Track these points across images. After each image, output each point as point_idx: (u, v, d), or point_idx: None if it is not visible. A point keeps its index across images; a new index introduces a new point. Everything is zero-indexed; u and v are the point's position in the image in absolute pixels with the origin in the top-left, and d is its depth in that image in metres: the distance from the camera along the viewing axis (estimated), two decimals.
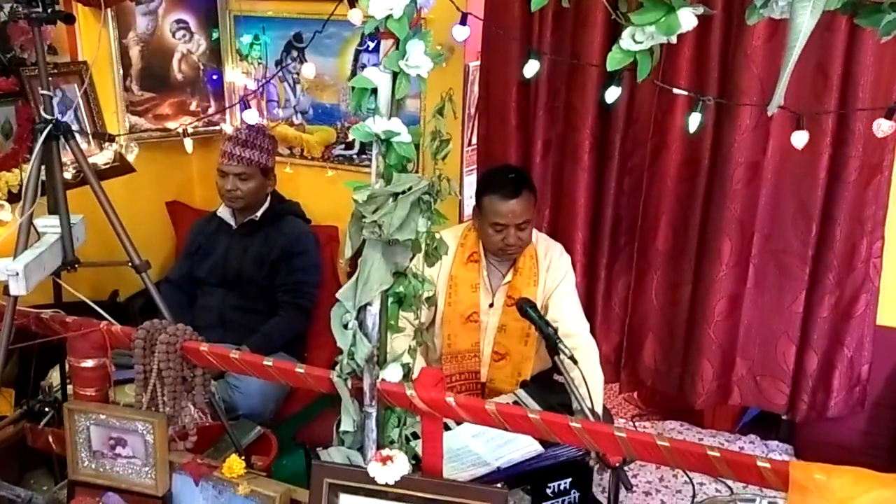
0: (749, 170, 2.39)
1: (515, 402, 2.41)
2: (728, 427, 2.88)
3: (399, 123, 1.46)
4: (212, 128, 3.27)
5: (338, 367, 1.60)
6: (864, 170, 2.31)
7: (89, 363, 1.86)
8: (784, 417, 2.72)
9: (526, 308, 2.23)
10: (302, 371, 1.67)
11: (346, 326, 1.57)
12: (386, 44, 1.45)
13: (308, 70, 1.58)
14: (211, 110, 3.23)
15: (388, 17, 1.38)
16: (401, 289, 1.61)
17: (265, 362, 1.71)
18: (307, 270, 2.90)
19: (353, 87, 1.48)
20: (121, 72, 3.02)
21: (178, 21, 3.12)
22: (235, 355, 1.74)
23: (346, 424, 1.61)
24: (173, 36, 3.12)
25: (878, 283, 2.44)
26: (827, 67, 2.25)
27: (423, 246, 1.56)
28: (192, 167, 3.48)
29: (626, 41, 1.23)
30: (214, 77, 3.26)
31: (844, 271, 2.41)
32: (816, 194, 2.35)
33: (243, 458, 1.81)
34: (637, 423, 2.92)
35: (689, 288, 2.60)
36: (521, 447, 2.05)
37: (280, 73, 3.19)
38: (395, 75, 1.45)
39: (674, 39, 1.23)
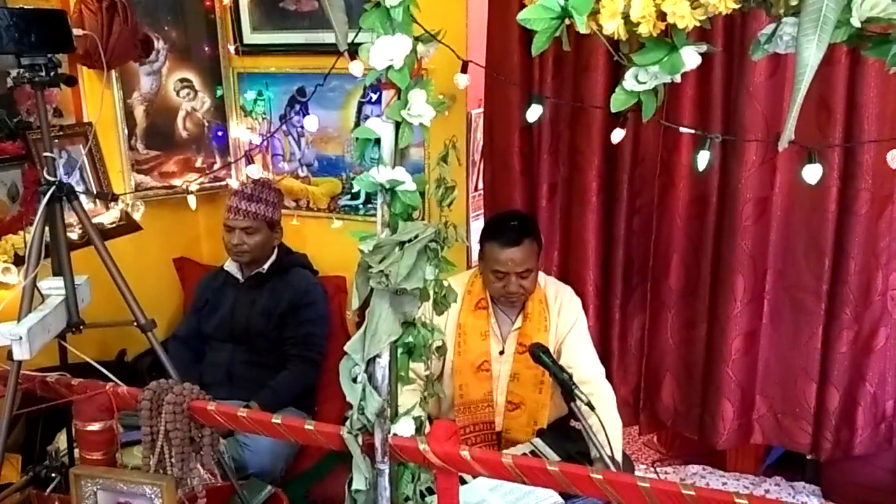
0: (758, 205, 2.37)
1: (532, 452, 2.35)
2: (752, 469, 2.80)
3: (403, 172, 1.44)
4: (218, 183, 3.28)
5: (348, 423, 1.56)
6: (874, 202, 2.28)
7: (95, 426, 1.83)
8: (809, 457, 2.65)
9: (539, 353, 2.19)
10: (311, 428, 1.63)
11: (355, 380, 1.53)
12: (388, 94, 1.44)
13: (311, 123, 1.58)
14: (216, 166, 3.25)
15: (389, 67, 1.37)
16: (410, 339, 1.58)
17: (274, 420, 1.66)
18: (315, 322, 2.87)
19: (356, 138, 1.47)
20: (125, 131, 3.04)
21: (182, 80, 3.15)
22: (244, 413, 1.70)
23: (359, 483, 1.56)
24: (177, 94, 3.15)
25: None
26: (829, 101, 2.24)
27: (431, 294, 1.53)
28: (198, 223, 3.48)
29: (629, 82, 1.22)
30: (219, 133, 3.28)
31: (861, 305, 2.36)
32: (827, 228, 2.33)
33: None
34: (658, 469, 2.85)
35: (704, 326, 2.56)
36: (540, 499, 1.99)
37: (284, 128, 3.21)
38: (397, 125, 1.44)
39: (678, 78, 1.22)
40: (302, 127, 3.19)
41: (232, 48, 3.17)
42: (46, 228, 1.83)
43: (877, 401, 2.43)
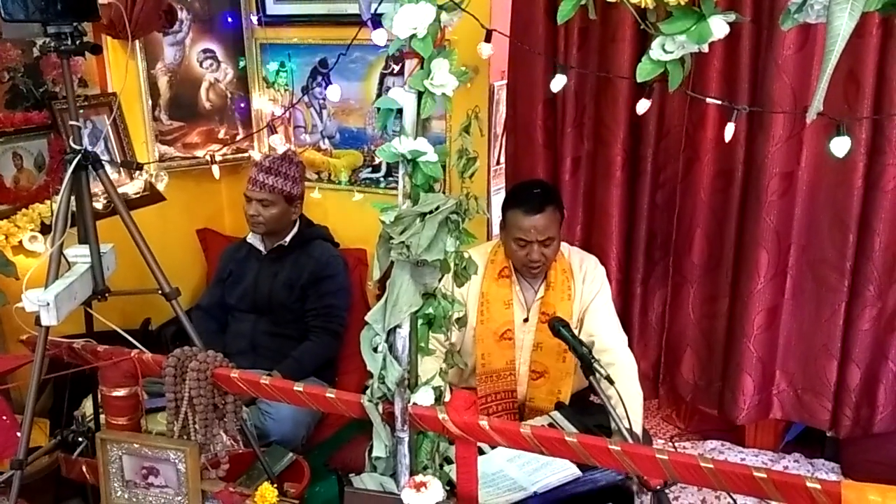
0: (784, 180, 2.34)
1: (550, 425, 2.36)
2: (771, 446, 2.79)
3: (425, 143, 1.44)
4: (240, 155, 3.30)
5: (368, 392, 1.58)
6: None
7: (121, 392, 1.86)
8: (829, 434, 2.64)
9: (559, 327, 2.19)
10: (333, 396, 1.65)
11: (375, 350, 1.55)
12: (410, 64, 1.44)
13: (333, 93, 1.57)
14: (239, 137, 3.26)
15: (413, 36, 1.37)
16: (430, 310, 1.58)
17: (296, 388, 1.69)
18: (336, 294, 2.89)
19: (378, 109, 1.47)
20: (149, 102, 3.06)
21: (206, 51, 3.16)
22: (266, 381, 1.73)
23: (379, 450, 1.58)
24: (200, 65, 3.16)
25: None
26: (858, 74, 2.20)
27: (451, 266, 1.54)
28: (221, 195, 3.51)
29: (655, 51, 1.20)
30: (242, 105, 3.29)
31: (885, 282, 2.33)
32: (852, 204, 2.29)
33: (275, 485, 1.78)
34: (676, 444, 2.85)
35: (726, 301, 2.55)
36: (557, 471, 2.00)
37: (306, 99, 3.21)
38: (419, 95, 1.43)
39: (705, 48, 1.20)
40: (324, 98, 3.19)
41: (255, 19, 3.17)
42: (73, 197, 1.85)
43: None
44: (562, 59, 2.62)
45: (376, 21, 1.44)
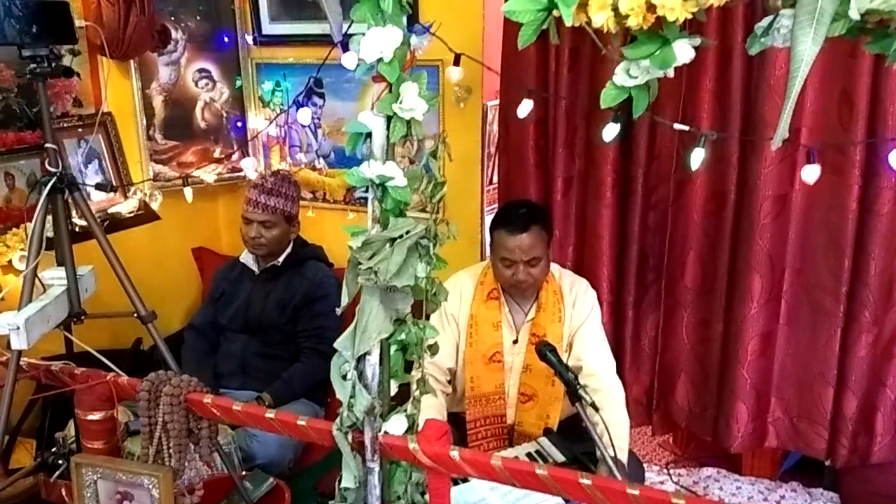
0: (777, 203, 2.30)
1: (538, 451, 2.32)
2: (769, 474, 2.73)
3: (394, 167, 1.42)
4: (237, 174, 3.30)
5: (338, 420, 1.54)
6: None
7: (96, 416, 1.84)
8: (827, 463, 2.57)
9: (545, 352, 2.16)
10: (304, 424, 1.62)
11: (345, 377, 1.52)
12: (379, 87, 1.42)
13: (304, 116, 1.55)
14: (235, 157, 3.26)
15: (380, 60, 1.35)
16: (403, 336, 1.55)
17: (267, 414, 1.66)
18: (329, 315, 2.86)
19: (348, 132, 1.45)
20: (144, 121, 3.06)
21: (201, 70, 3.17)
22: (238, 407, 1.70)
23: (348, 481, 1.54)
24: (196, 85, 3.17)
25: None
26: (853, 95, 2.16)
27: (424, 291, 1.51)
28: (218, 214, 3.51)
29: (620, 77, 1.18)
30: (239, 124, 3.29)
31: (882, 308, 2.28)
32: (847, 227, 2.24)
33: None
34: (672, 470, 2.79)
35: (720, 326, 2.50)
36: (540, 500, 1.96)
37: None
38: (389, 119, 1.41)
39: (670, 73, 1.17)
40: (319, 118, 3.19)
41: (250, 38, 3.18)
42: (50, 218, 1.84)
43: None
44: (552, 79, 2.60)
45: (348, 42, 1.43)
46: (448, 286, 2.52)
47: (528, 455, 2.30)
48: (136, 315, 1.94)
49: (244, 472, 2.30)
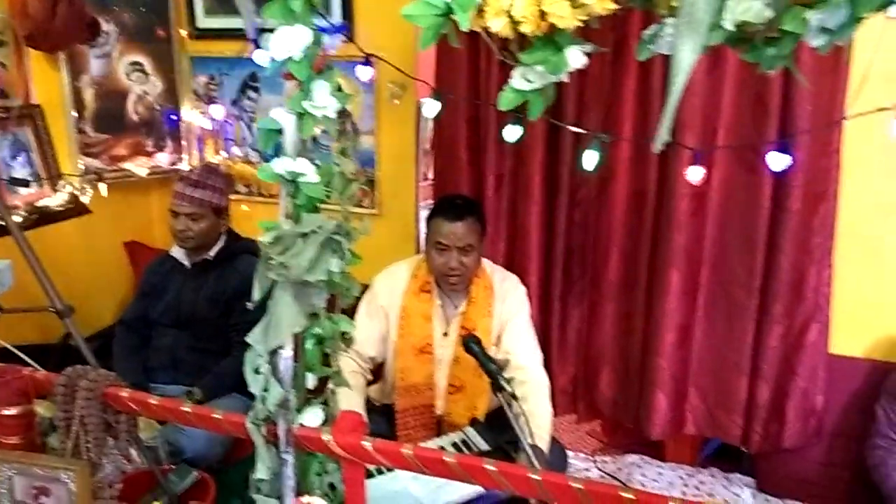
0: (694, 200, 2.39)
1: (464, 441, 2.37)
2: (689, 460, 2.83)
3: (305, 164, 1.44)
4: (169, 167, 3.27)
5: (251, 413, 1.57)
6: (807, 199, 2.30)
7: (12, 411, 1.82)
8: (743, 449, 2.68)
9: (470, 344, 2.21)
10: (219, 417, 1.64)
11: (257, 371, 1.54)
12: (291, 85, 1.44)
13: (216, 111, 1.57)
14: (168, 150, 3.23)
15: (289, 58, 1.37)
16: (318, 330, 1.58)
17: (183, 408, 1.67)
18: (261, 309, 2.86)
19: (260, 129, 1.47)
20: (74, 114, 3.01)
21: (133, 63, 3.13)
22: (155, 401, 1.71)
23: (261, 472, 1.57)
24: (128, 77, 3.13)
25: (829, 313, 2.42)
26: (766, 98, 2.25)
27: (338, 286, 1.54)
28: (151, 207, 3.47)
29: (517, 81, 1.22)
30: (173, 117, 3.27)
31: (793, 301, 2.38)
32: (760, 224, 2.34)
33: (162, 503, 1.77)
34: (598, 458, 2.88)
35: (641, 318, 2.58)
36: (459, 488, 2.01)
37: (236, 112, 3.19)
38: (300, 115, 1.44)
39: (565, 78, 1.22)
40: (254, 112, 3.18)
41: (184, 32, 3.15)
42: None
43: (807, 395, 2.46)
44: (484, 77, 2.65)
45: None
46: (382, 278, 2.58)
47: (454, 444, 2.35)
48: (52, 309, 1.93)
49: (172, 466, 2.30)
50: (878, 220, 2.37)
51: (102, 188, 1.96)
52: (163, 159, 2.87)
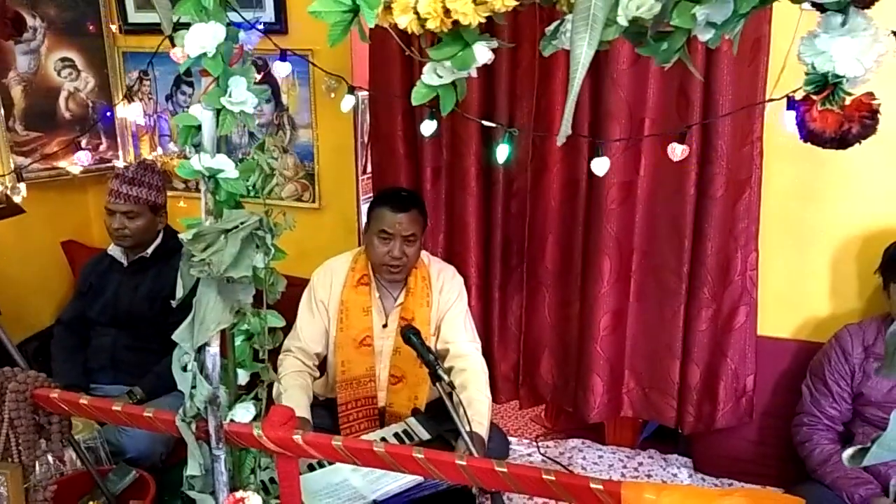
0: (622, 189, 2.44)
1: (405, 431, 2.40)
2: (629, 442, 2.90)
3: (224, 160, 1.45)
4: (105, 165, 3.22)
5: (181, 411, 1.58)
6: (730, 186, 2.36)
7: None
8: (680, 431, 2.76)
9: (409, 335, 2.24)
10: (150, 415, 1.64)
11: (185, 368, 1.54)
12: (206, 81, 1.44)
13: (133, 112, 1.56)
14: (102, 147, 3.18)
15: (203, 55, 1.37)
16: (246, 326, 1.59)
17: (114, 407, 1.67)
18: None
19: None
20: (2, 112, 2.95)
21: (63, 59, 3.07)
22: (85, 401, 1.70)
23: (193, 469, 1.58)
24: (59, 74, 3.07)
25: (756, 295, 2.50)
26: (687, 89, 2.31)
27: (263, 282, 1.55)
28: (88, 205, 3.42)
29: (427, 76, 1.25)
30: (108, 114, 3.21)
31: (720, 285, 2.45)
32: (686, 211, 2.40)
33: (100, 503, 1.76)
34: (540, 443, 2.93)
35: (577, 304, 2.63)
36: (398, 478, 2.03)
37: (170, 108, 3.16)
38: (218, 112, 1.44)
39: (473, 73, 1.25)
40: (188, 108, 3.14)
41: (115, 27, 3.11)
42: None
43: (738, 376, 2.54)
44: (417, 69, 2.64)
45: None
46: (319, 273, 2.59)
47: (396, 435, 2.38)
48: None
49: (113, 467, 2.29)
50: (800, 204, 2.45)
51: (22, 188, 1.92)
52: (83, 156, 2.84)
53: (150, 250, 2.83)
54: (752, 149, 2.35)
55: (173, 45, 1.43)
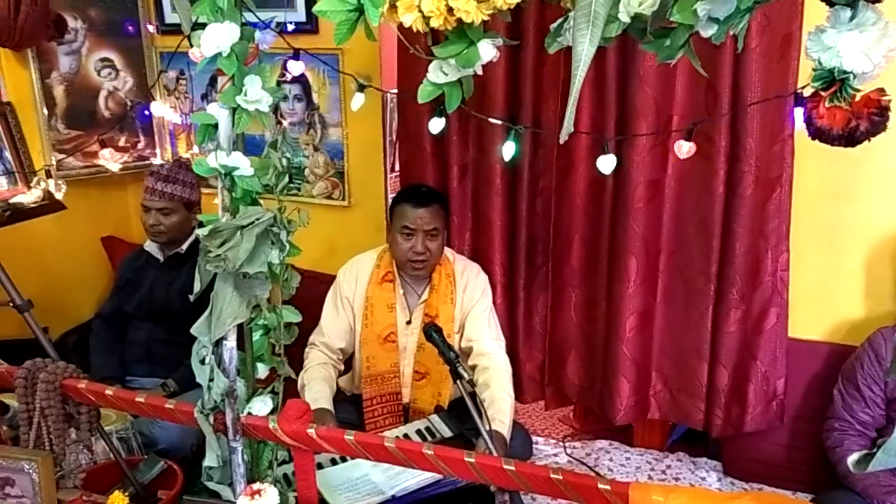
0: (649, 188, 2.41)
1: (428, 428, 2.41)
2: (658, 445, 2.87)
3: (240, 157, 1.48)
4: (142, 162, 3.30)
5: (199, 403, 1.61)
6: (759, 184, 2.32)
7: None
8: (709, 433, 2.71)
9: (431, 332, 2.24)
10: (171, 406, 1.68)
11: (203, 362, 1.58)
12: (223, 79, 1.47)
13: (161, 110, 1.60)
14: (140, 145, 3.27)
15: (219, 55, 1.40)
16: (263, 320, 1.62)
17: (137, 399, 1.72)
18: None
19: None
20: (45, 111, 3.05)
21: (103, 59, 3.16)
22: (110, 392, 1.75)
23: (210, 460, 1.62)
24: (98, 74, 3.16)
25: (787, 297, 2.44)
26: (717, 86, 2.27)
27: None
28: (127, 202, 3.52)
29: (433, 74, 1.25)
30: (146, 112, 3.30)
31: (749, 286, 2.41)
32: (715, 210, 2.36)
33: (129, 493, 1.81)
34: (567, 444, 2.91)
35: (603, 304, 2.61)
36: (417, 474, 2.04)
37: (205, 107, 3.22)
38: (234, 110, 1.47)
39: (479, 70, 1.25)
40: None
41: (152, 28, 3.18)
42: None
43: (767, 379, 2.49)
44: None
45: None
46: (346, 269, 2.62)
47: (418, 432, 2.39)
48: (11, 304, 1.97)
49: (144, 457, 2.35)
50: (833, 203, 2.39)
51: (51, 184, 1.99)
52: (106, 154, 2.92)
53: (184, 246, 2.90)
54: (784, 147, 2.30)
55: (191, 45, 1.46)
